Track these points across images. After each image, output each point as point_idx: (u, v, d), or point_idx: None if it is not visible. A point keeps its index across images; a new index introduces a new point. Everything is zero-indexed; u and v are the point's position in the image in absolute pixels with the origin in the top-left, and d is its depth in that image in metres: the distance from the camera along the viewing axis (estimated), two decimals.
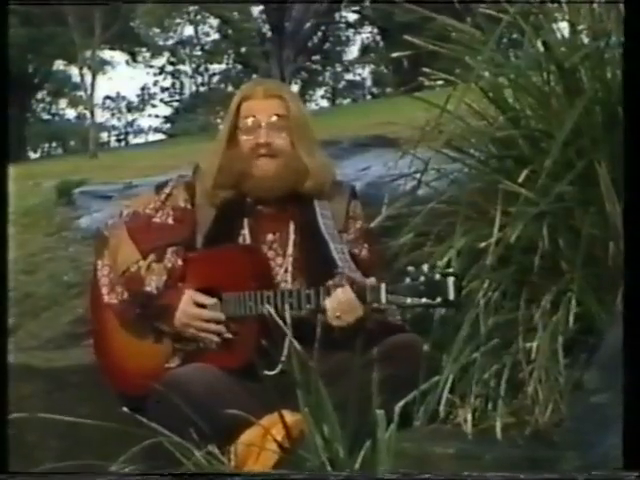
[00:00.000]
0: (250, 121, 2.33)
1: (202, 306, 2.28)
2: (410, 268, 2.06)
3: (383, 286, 2.10)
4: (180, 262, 2.32)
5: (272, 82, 2.71)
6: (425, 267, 2.05)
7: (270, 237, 2.35)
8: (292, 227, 2.35)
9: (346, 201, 2.42)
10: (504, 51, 2.45)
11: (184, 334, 2.28)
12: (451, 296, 2.01)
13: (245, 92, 2.39)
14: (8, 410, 1.85)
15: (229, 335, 2.26)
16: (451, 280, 2.01)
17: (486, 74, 2.34)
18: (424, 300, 2.03)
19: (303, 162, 2.33)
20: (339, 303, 2.13)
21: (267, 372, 2.09)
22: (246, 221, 2.35)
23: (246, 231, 2.35)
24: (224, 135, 2.37)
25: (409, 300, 2.05)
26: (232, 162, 2.32)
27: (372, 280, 2.16)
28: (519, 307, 2.09)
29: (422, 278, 2.04)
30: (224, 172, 2.33)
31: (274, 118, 2.32)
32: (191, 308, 2.26)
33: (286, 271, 2.32)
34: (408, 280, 2.06)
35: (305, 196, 2.36)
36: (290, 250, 2.34)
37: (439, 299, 2.02)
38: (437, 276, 2.02)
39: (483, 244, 2.12)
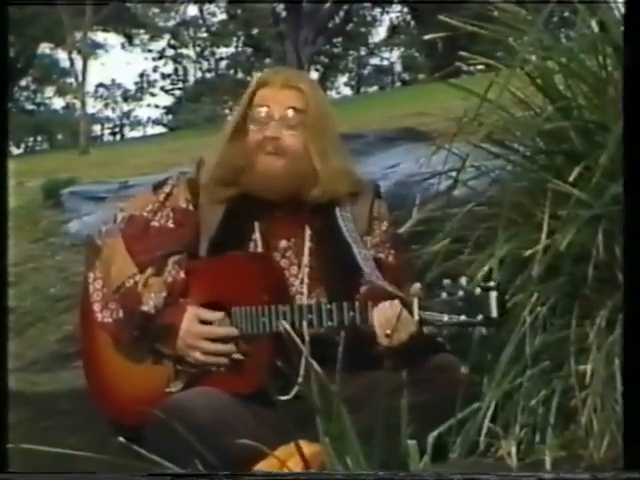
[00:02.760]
0: (262, 111, 2.33)
1: (208, 323, 2.28)
2: (446, 281, 2.05)
3: (416, 301, 2.09)
4: (182, 274, 2.32)
5: (293, 71, 2.71)
6: (463, 280, 2.04)
7: (283, 244, 2.36)
8: (308, 233, 2.36)
9: (369, 201, 2.42)
10: (553, 31, 2.45)
11: (187, 358, 2.28)
12: (494, 313, 1.99)
13: (262, 79, 2.40)
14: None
15: (238, 356, 2.27)
16: (494, 295, 2.00)
17: (533, 58, 2.34)
18: (463, 318, 2.02)
19: (313, 166, 2.33)
20: (388, 319, 2.13)
21: (281, 397, 2.09)
22: (257, 225, 2.36)
23: (257, 236, 2.35)
24: (231, 125, 2.38)
25: (446, 317, 2.04)
26: (232, 156, 2.33)
27: (413, 289, 2.14)
28: (570, 324, 2.09)
29: (460, 292, 2.03)
30: (222, 166, 2.34)
31: (289, 111, 2.33)
32: (196, 326, 2.27)
33: (302, 282, 2.33)
34: (444, 295, 2.05)
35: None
36: (306, 258, 2.34)
37: (480, 317, 2.01)
38: (477, 290, 2.01)
39: (529, 252, 2.12)
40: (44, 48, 28.91)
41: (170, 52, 33.61)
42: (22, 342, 3.97)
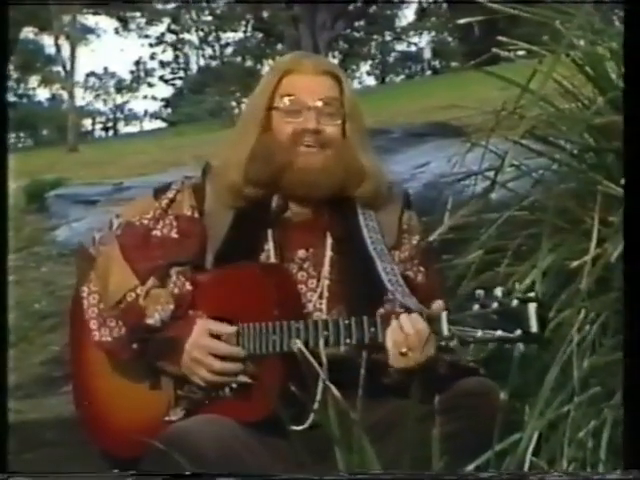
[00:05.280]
0: (293, 100, 2.35)
1: (217, 338, 2.29)
2: (479, 292, 2.05)
3: (444, 315, 2.10)
4: (188, 286, 2.33)
5: (322, 57, 2.72)
6: (499, 290, 2.04)
7: (301, 253, 2.37)
8: (329, 241, 2.37)
9: (398, 211, 2.42)
10: (605, 13, 2.45)
11: (191, 376, 2.29)
12: (534, 328, 2.00)
13: (289, 64, 2.41)
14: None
15: (246, 379, 2.28)
16: (533, 307, 2.00)
17: (581, 43, 2.34)
18: (499, 333, 2.03)
19: (358, 159, 2.35)
20: (406, 335, 2.13)
21: (295, 426, 2.10)
22: (270, 233, 2.37)
23: (270, 245, 2.36)
24: (257, 115, 2.38)
25: (479, 333, 2.05)
26: (269, 150, 2.34)
27: (436, 305, 2.15)
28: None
29: (495, 305, 2.04)
30: (258, 163, 2.34)
31: (326, 100, 2.34)
32: (205, 339, 2.28)
33: (321, 297, 2.33)
34: (477, 307, 2.05)
35: (346, 202, 2.37)
36: (326, 271, 2.35)
37: (518, 332, 2.01)
38: (515, 302, 2.02)
39: (576, 263, 2.12)
40: (27, 32, 29.10)
41: (170, 37, 33.79)
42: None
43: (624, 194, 1.96)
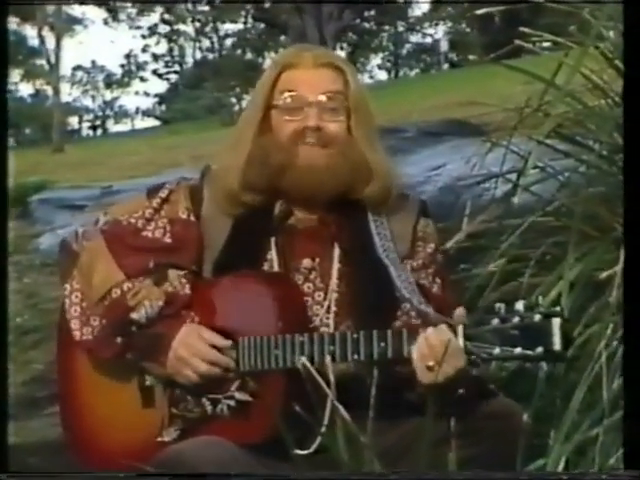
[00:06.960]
0: (294, 96, 2.35)
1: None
2: (499, 305, 2.05)
3: (460, 329, 2.10)
4: (188, 290, 2.33)
5: (323, 48, 2.72)
6: (520, 304, 2.04)
7: (307, 263, 2.37)
8: (337, 251, 2.37)
9: (413, 218, 2.42)
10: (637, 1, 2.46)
11: (176, 377, 2.29)
12: (557, 346, 2.00)
13: (287, 58, 2.42)
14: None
15: (246, 396, 2.28)
16: (557, 322, 2.01)
17: (611, 34, 2.35)
18: (518, 350, 2.03)
19: (364, 157, 2.35)
20: (431, 347, 2.12)
21: (300, 450, 2.11)
22: (273, 240, 2.37)
23: (273, 254, 2.36)
24: (255, 115, 2.39)
25: (497, 350, 2.05)
26: (267, 152, 2.34)
27: (457, 314, 2.14)
28: None
29: (516, 319, 2.04)
30: (255, 166, 2.34)
31: (328, 94, 2.35)
32: (194, 340, 2.28)
33: (328, 311, 2.33)
34: (496, 322, 2.05)
35: (356, 208, 2.38)
36: (334, 283, 2.35)
37: (540, 349, 2.01)
38: (537, 317, 2.02)
39: (606, 274, 2.12)
40: (9, 23, 29.15)
41: (163, 28, 33.85)
42: None
43: (624, 195, 1.96)
